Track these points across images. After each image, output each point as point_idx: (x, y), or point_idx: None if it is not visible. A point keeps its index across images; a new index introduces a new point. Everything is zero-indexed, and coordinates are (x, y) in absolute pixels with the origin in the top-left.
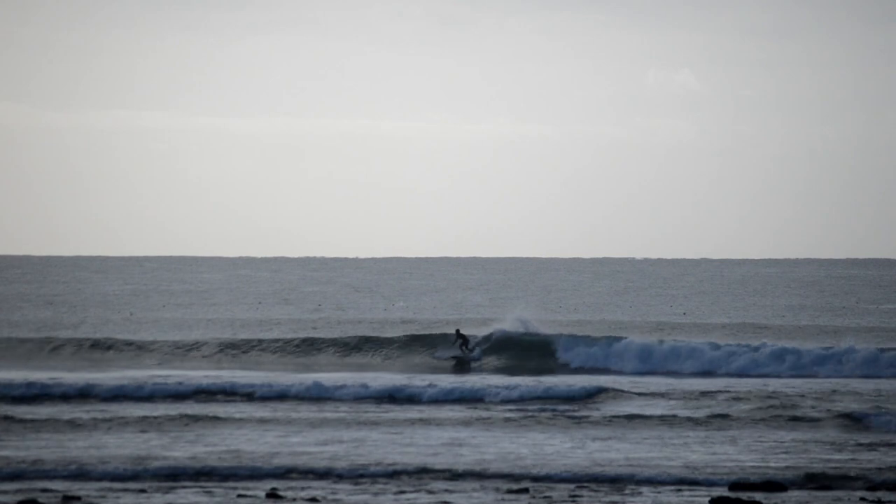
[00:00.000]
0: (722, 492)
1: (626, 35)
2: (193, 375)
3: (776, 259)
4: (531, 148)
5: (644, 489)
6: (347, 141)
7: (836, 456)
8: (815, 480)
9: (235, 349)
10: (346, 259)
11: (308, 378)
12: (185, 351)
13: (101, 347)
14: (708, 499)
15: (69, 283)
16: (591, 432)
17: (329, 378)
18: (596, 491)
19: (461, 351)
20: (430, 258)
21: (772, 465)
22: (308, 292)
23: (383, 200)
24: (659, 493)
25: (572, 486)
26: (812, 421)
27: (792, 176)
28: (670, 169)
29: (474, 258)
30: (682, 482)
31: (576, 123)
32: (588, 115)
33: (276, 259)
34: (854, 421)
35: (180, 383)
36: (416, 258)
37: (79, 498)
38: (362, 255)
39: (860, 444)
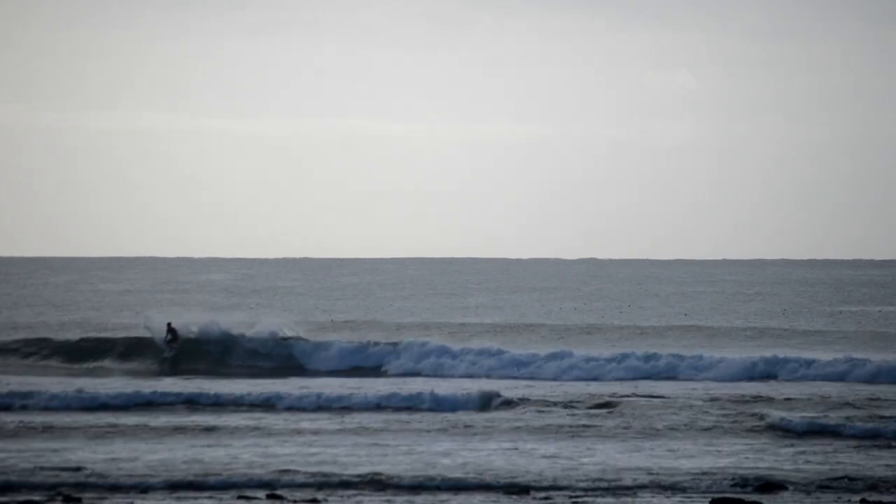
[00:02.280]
0: (721, 493)
1: (625, 36)
2: None
3: (773, 260)
4: (530, 149)
5: (643, 493)
6: (346, 142)
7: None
8: (813, 483)
9: None
10: (345, 259)
11: None
12: None
13: None
14: (708, 500)
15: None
16: (545, 438)
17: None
18: (595, 496)
19: (166, 347)
20: (429, 258)
21: (762, 468)
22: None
23: (383, 201)
24: (657, 496)
25: (570, 492)
26: (746, 430)
27: (791, 176)
28: (669, 170)
29: (473, 259)
30: (675, 486)
31: (575, 124)
32: (587, 116)
33: (276, 260)
34: (783, 429)
35: None
36: (416, 258)
37: (79, 500)
38: (362, 256)
39: (834, 450)
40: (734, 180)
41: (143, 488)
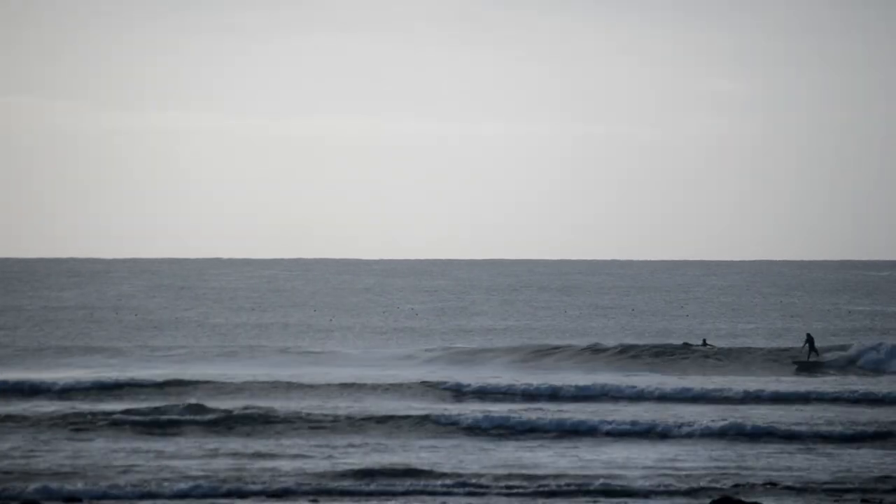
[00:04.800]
0: (723, 493)
1: (659, 34)
2: None
3: (801, 261)
4: (543, 147)
5: (645, 493)
6: (355, 141)
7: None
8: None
9: None
10: (360, 261)
11: None
12: None
13: None
14: (710, 500)
15: None
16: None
17: None
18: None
19: None
20: (440, 260)
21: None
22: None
23: (397, 203)
24: (659, 496)
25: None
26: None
27: (824, 175)
28: (708, 169)
29: (490, 260)
30: (674, 487)
31: (616, 124)
32: (625, 116)
33: (282, 261)
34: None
35: None
36: (429, 260)
37: (80, 500)
38: (372, 257)
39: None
40: (770, 179)
41: None
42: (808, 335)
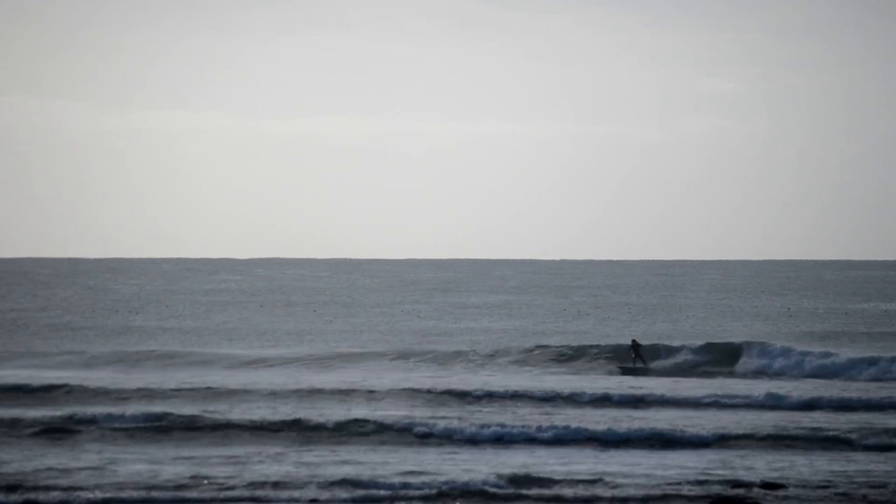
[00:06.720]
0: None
1: (658, 35)
2: None
3: (803, 260)
4: (542, 148)
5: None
6: (355, 141)
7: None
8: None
9: None
10: (343, 260)
11: None
12: None
13: None
14: (709, 499)
15: None
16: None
17: None
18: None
19: None
20: (438, 260)
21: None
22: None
23: (397, 202)
24: (660, 493)
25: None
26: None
27: (825, 175)
28: (706, 169)
29: (489, 260)
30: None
31: (614, 124)
32: (626, 116)
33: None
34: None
35: None
36: (427, 260)
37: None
38: (370, 257)
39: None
40: (771, 179)
41: None
42: (634, 341)
